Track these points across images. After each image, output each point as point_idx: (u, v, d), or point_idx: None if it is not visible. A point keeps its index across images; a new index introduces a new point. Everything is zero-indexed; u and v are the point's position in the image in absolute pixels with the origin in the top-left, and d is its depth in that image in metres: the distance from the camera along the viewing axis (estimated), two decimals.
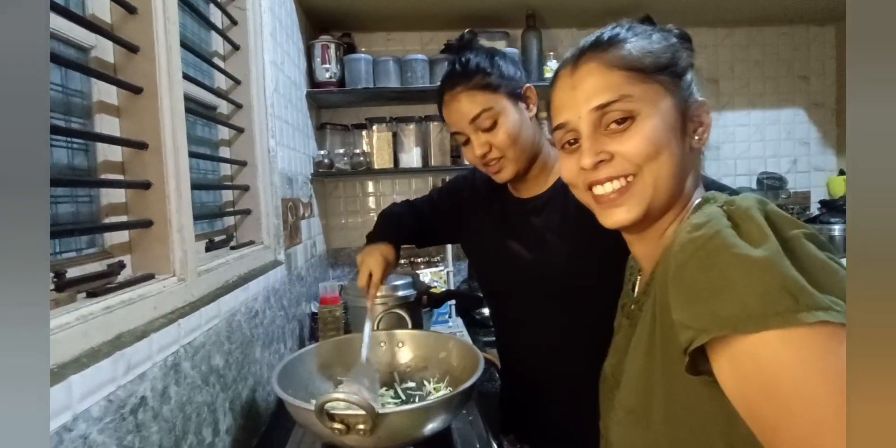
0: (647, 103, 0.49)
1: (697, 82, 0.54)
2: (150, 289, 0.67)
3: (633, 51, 0.51)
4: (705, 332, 0.38)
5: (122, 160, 0.73)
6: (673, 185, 0.50)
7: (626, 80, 0.50)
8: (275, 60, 1.34)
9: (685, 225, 0.45)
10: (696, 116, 0.52)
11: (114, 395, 0.53)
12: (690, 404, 0.45)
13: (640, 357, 0.50)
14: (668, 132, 0.49)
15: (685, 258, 0.41)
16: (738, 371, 0.38)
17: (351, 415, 0.54)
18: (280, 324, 1.20)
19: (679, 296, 0.41)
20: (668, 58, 0.51)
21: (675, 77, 0.51)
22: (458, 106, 0.85)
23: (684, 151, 0.51)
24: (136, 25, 0.72)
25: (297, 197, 1.52)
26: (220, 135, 1.15)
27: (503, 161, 0.85)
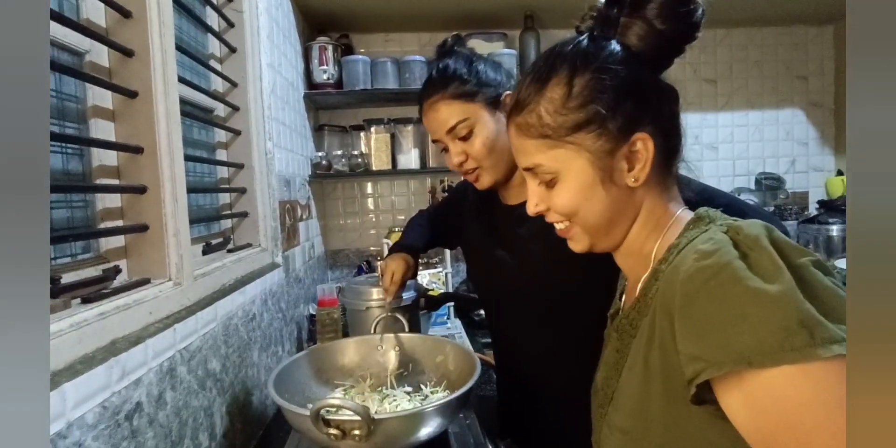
0: (560, 166, 0.51)
1: (639, 112, 0.51)
2: (145, 294, 0.67)
3: (545, 117, 0.51)
4: (717, 366, 0.39)
5: (118, 164, 0.73)
6: (609, 226, 0.53)
7: (537, 148, 0.52)
8: (272, 62, 1.34)
9: (689, 250, 0.45)
10: (628, 155, 0.50)
11: (108, 402, 0.53)
12: (693, 434, 0.45)
13: (636, 380, 0.50)
14: (585, 189, 0.51)
15: (695, 289, 0.41)
16: (753, 405, 0.38)
17: (346, 420, 0.54)
18: (278, 326, 1.20)
19: (688, 327, 0.41)
20: (581, 117, 0.50)
21: (593, 130, 0.50)
22: (435, 115, 0.84)
23: (617, 194, 0.51)
24: (130, 29, 0.72)
25: (295, 199, 1.52)
26: (217, 137, 1.15)
27: (480, 170, 0.85)
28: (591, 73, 0.49)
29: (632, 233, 0.54)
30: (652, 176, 0.51)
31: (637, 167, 0.50)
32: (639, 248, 0.53)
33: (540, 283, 0.85)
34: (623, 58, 0.50)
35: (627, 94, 0.49)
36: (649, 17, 0.49)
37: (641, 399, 0.49)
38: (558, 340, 0.87)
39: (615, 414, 0.53)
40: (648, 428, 0.48)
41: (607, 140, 0.49)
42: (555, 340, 0.87)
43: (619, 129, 0.49)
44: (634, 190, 0.51)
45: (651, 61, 0.51)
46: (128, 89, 0.71)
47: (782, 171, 2.27)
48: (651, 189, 0.52)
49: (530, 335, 0.89)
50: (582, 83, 0.49)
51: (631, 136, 0.49)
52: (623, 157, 0.50)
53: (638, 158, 0.50)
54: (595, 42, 0.51)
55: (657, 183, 0.52)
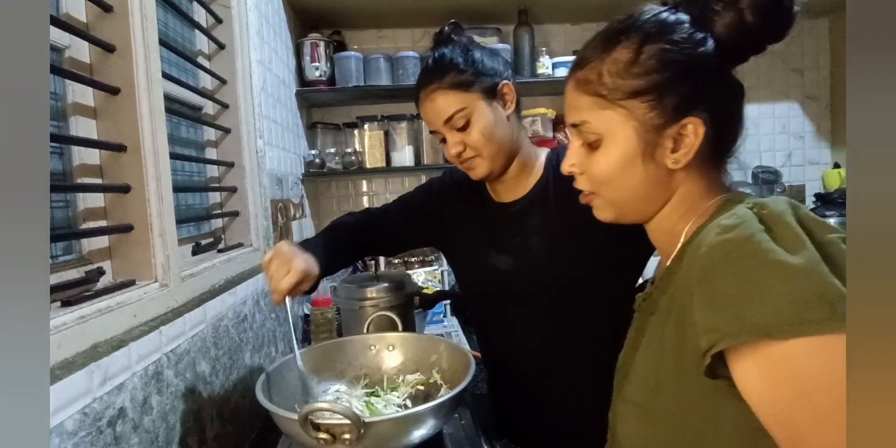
0: (607, 129, 0.51)
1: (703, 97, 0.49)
2: (129, 296, 0.65)
3: (605, 76, 0.50)
4: (733, 336, 0.38)
5: (100, 163, 0.71)
6: (637, 202, 0.53)
7: (588, 106, 0.51)
8: (262, 59, 1.32)
9: (713, 225, 0.45)
10: (675, 136, 0.49)
11: (89, 408, 0.51)
12: (703, 408, 0.45)
13: (651, 353, 0.50)
14: (624, 159, 0.51)
15: (714, 261, 0.41)
16: (768, 377, 0.38)
17: (336, 424, 0.53)
18: (270, 327, 1.18)
19: (706, 298, 0.41)
20: (640, 84, 0.49)
21: (648, 100, 0.49)
22: (432, 106, 0.83)
23: (654, 172, 0.50)
24: (112, 24, 0.70)
25: (288, 198, 1.50)
26: (207, 136, 1.13)
27: (477, 159, 0.83)
28: (664, 44, 0.48)
29: (663, 212, 0.53)
30: (696, 163, 0.50)
31: (682, 150, 0.49)
32: (669, 228, 0.53)
33: (541, 280, 0.84)
34: (699, 40, 0.49)
35: (691, 76, 0.48)
36: (742, 6, 0.47)
37: (654, 373, 0.49)
38: (553, 338, 0.86)
39: (629, 387, 0.53)
40: (660, 400, 0.48)
41: (659, 114, 0.49)
42: (549, 338, 0.86)
43: (673, 106, 0.48)
44: (674, 172, 0.50)
45: (727, 52, 0.49)
46: (109, 85, 0.69)
47: (779, 164, 2.27)
48: (692, 175, 0.51)
49: (525, 333, 0.88)
50: (651, 52, 0.49)
51: (684, 117, 0.48)
52: (670, 136, 0.49)
53: (685, 142, 0.49)
54: (677, 18, 0.50)
55: (700, 171, 0.51)
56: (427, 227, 0.99)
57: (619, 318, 0.78)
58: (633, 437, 0.52)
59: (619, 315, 0.77)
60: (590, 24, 2.09)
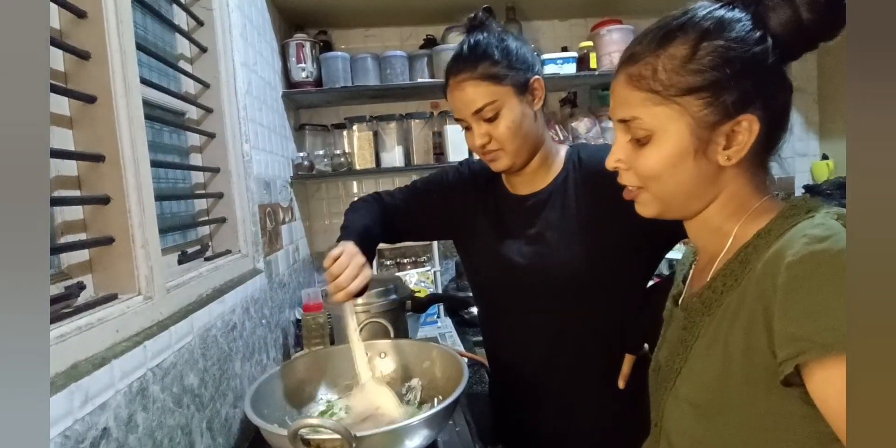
0: (658, 125, 0.51)
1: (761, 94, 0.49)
2: (111, 311, 0.63)
3: (661, 72, 0.50)
4: (824, 347, 0.39)
5: (78, 174, 0.69)
6: (686, 199, 0.52)
7: (641, 102, 0.51)
8: (246, 61, 1.29)
9: (797, 233, 0.45)
10: (729, 133, 0.49)
11: (70, 430, 0.50)
12: (770, 413, 0.45)
13: (713, 358, 0.49)
14: (675, 156, 0.50)
15: (806, 272, 0.41)
16: None
17: (327, 439, 0.52)
18: (261, 335, 1.16)
19: (794, 307, 0.41)
20: (697, 80, 0.48)
21: (704, 97, 0.49)
22: (461, 95, 0.81)
23: (706, 169, 0.50)
24: (86, 31, 0.68)
25: (276, 202, 1.48)
26: (191, 141, 1.11)
27: (500, 152, 0.83)
28: (723, 41, 0.48)
29: (710, 210, 0.53)
30: (746, 160, 0.50)
31: (735, 147, 0.49)
32: (716, 227, 0.53)
33: (553, 273, 0.83)
34: (757, 38, 0.48)
35: (749, 74, 0.48)
36: (798, 3, 0.47)
37: (719, 377, 0.49)
38: (564, 335, 0.85)
39: (685, 387, 0.53)
40: (724, 406, 0.48)
41: (714, 112, 0.49)
42: (560, 335, 0.85)
43: (729, 104, 0.48)
44: (724, 169, 0.50)
45: (782, 49, 0.49)
46: (85, 94, 0.67)
47: None
48: (741, 172, 0.51)
49: (535, 329, 0.87)
50: (709, 49, 0.48)
51: (739, 114, 0.48)
52: (724, 133, 0.49)
53: (738, 139, 0.49)
54: (733, 15, 0.49)
55: (749, 168, 0.51)
56: (437, 220, 0.98)
57: (625, 314, 0.77)
58: (690, 437, 0.52)
59: (627, 312, 0.76)
60: (578, 19, 2.07)
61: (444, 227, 0.99)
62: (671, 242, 0.83)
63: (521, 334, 0.89)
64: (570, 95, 2.01)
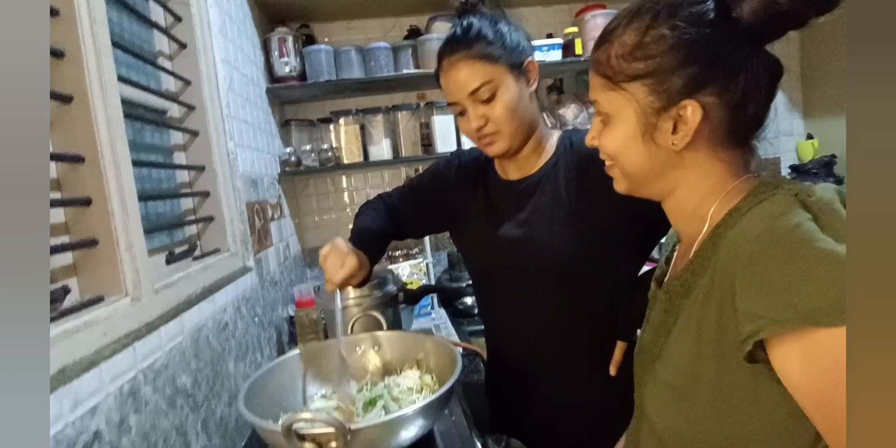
0: (611, 110, 0.52)
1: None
2: (98, 314, 0.62)
3: (612, 59, 0.51)
4: (779, 324, 0.39)
5: (57, 176, 0.68)
6: (647, 179, 0.54)
7: (599, 86, 0.53)
8: (227, 58, 1.27)
9: (756, 211, 0.45)
10: (676, 118, 0.49)
11: (61, 435, 0.49)
12: (742, 394, 0.46)
13: (688, 339, 0.50)
14: (626, 139, 0.52)
15: (761, 248, 0.41)
16: (812, 364, 0.39)
17: (321, 433, 0.52)
18: (254, 333, 1.16)
19: (752, 285, 0.41)
20: (641, 67, 0.49)
21: (648, 84, 0.49)
22: (456, 75, 0.80)
23: (656, 152, 0.51)
24: (58, 28, 0.66)
25: (265, 199, 1.47)
26: (174, 140, 1.09)
27: (497, 135, 0.82)
28: (668, 27, 0.47)
29: (681, 193, 0.53)
30: (709, 144, 0.50)
31: (679, 133, 0.49)
32: (692, 210, 0.53)
33: (544, 256, 0.83)
34: (712, 21, 0.47)
35: (697, 58, 0.47)
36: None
37: (693, 358, 0.49)
38: (557, 319, 0.85)
39: (663, 369, 0.54)
40: (697, 386, 0.49)
41: (658, 98, 0.49)
42: (553, 319, 0.85)
43: (674, 90, 0.48)
44: (681, 153, 0.50)
45: (754, 31, 0.47)
46: (60, 93, 0.65)
47: None
48: (707, 156, 0.51)
49: (528, 314, 0.87)
50: (655, 35, 0.48)
51: (684, 99, 0.48)
52: (670, 118, 0.49)
53: (682, 125, 0.49)
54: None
55: (717, 152, 0.51)
56: (438, 213, 0.99)
57: (616, 299, 0.77)
58: (668, 419, 0.53)
59: (618, 297, 0.76)
60: (562, 5, 2.06)
61: (441, 219, 1.00)
62: (662, 228, 0.84)
63: (513, 320, 0.90)
64: (556, 82, 2.01)
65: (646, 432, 0.58)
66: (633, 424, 0.62)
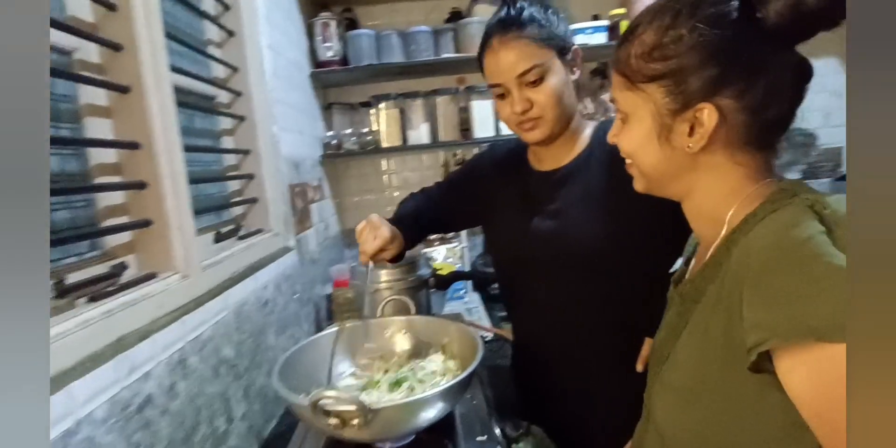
0: (629, 109, 0.53)
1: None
2: (152, 288, 0.68)
3: (632, 58, 0.51)
4: (783, 337, 0.39)
5: (118, 161, 0.74)
6: (664, 180, 0.54)
7: (618, 85, 0.53)
8: (272, 44, 1.31)
9: (769, 220, 0.44)
10: (693, 120, 0.48)
11: (118, 397, 0.55)
12: (746, 402, 0.46)
13: (695, 344, 0.51)
14: (642, 139, 0.52)
15: (772, 259, 0.41)
16: (817, 378, 0.39)
17: (344, 410, 0.55)
18: (294, 309, 1.22)
19: (759, 295, 0.42)
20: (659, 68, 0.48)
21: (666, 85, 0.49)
22: (506, 54, 0.79)
23: (672, 153, 0.51)
24: (117, 23, 0.71)
25: (306, 181, 1.52)
26: (222, 124, 1.15)
27: (540, 121, 0.82)
28: (687, 28, 0.47)
29: (698, 195, 0.53)
30: (728, 146, 0.49)
31: (695, 136, 0.49)
32: (709, 212, 0.53)
33: (574, 248, 0.84)
34: (733, 21, 0.46)
35: (716, 60, 0.46)
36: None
37: (699, 363, 0.50)
38: (584, 310, 0.86)
39: (670, 373, 0.54)
40: (703, 392, 0.49)
41: (675, 100, 0.48)
42: (581, 310, 0.86)
43: (692, 92, 0.47)
44: (697, 155, 0.50)
45: (780, 32, 0.46)
46: (118, 84, 0.70)
47: (815, 125, 2.14)
48: (726, 159, 0.50)
49: (556, 305, 0.88)
50: (674, 36, 0.47)
51: (701, 102, 0.47)
52: (687, 120, 0.49)
53: (698, 127, 0.48)
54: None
55: (737, 154, 0.50)
56: (472, 206, 1.01)
57: (649, 295, 0.77)
58: (674, 422, 0.54)
59: (650, 293, 0.76)
60: None
61: (475, 212, 1.01)
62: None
63: (540, 310, 0.91)
64: (600, 66, 1.94)
65: (651, 433, 0.58)
66: (640, 424, 0.63)
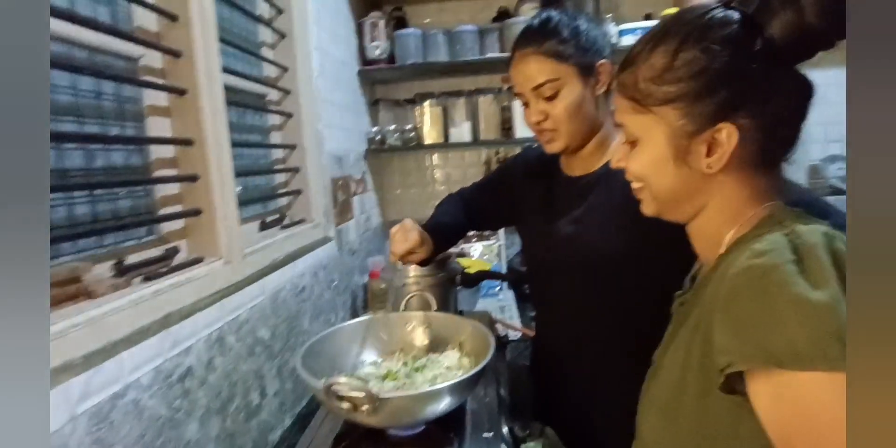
0: (641, 133, 0.52)
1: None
2: (197, 272, 0.76)
3: (640, 82, 0.50)
4: (745, 361, 0.41)
5: (175, 156, 0.82)
6: (677, 202, 0.53)
7: (626, 109, 0.53)
8: (320, 44, 1.38)
9: (745, 248, 0.45)
10: (710, 141, 0.48)
11: (162, 367, 0.63)
12: (721, 424, 0.47)
13: (677, 360, 0.52)
14: (656, 162, 0.52)
15: (740, 285, 0.43)
16: (778, 402, 0.40)
17: (355, 396, 0.60)
18: (329, 297, 1.30)
19: (726, 320, 0.43)
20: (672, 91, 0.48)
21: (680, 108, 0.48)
22: (524, 68, 0.83)
23: (689, 175, 0.51)
24: (177, 31, 0.79)
25: (349, 174, 1.59)
26: (271, 121, 1.23)
27: (555, 133, 0.84)
28: (699, 50, 0.47)
29: (705, 216, 0.53)
30: (738, 167, 0.49)
31: (714, 156, 0.49)
32: (711, 234, 0.53)
33: (593, 257, 0.85)
34: (743, 42, 0.46)
35: (729, 81, 0.47)
36: (803, 5, 0.44)
37: (678, 384, 0.51)
38: (601, 316, 0.87)
39: (655, 389, 0.56)
40: (681, 412, 0.50)
41: (691, 121, 0.48)
42: (598, 316, 0.87)
43: (707, 113, 0.48)
44: (711, 176, 0.50)
45: (785, 52, 0.46)
46: (176, 87, 0.78)
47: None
48: (735, 180, 0.51)
49: (574, 309, 0.90)
50: (686, 58, 0.48)
51: (718, 123, 0.47)
52: (703, 141, 0.48)
53: (717, 148, 0.49)
54: (724, 17, 0.48)
55: (745, 176, 0.50)
56: (504, 207, 1.05)
57: (661, 307, 0.77)
58: (655, 438, 0.55)
59: (663, 305, 0.77)
60: None
61: (506, 213, 1.05)
62: None
63: (559, 313, 0.92)
64: None
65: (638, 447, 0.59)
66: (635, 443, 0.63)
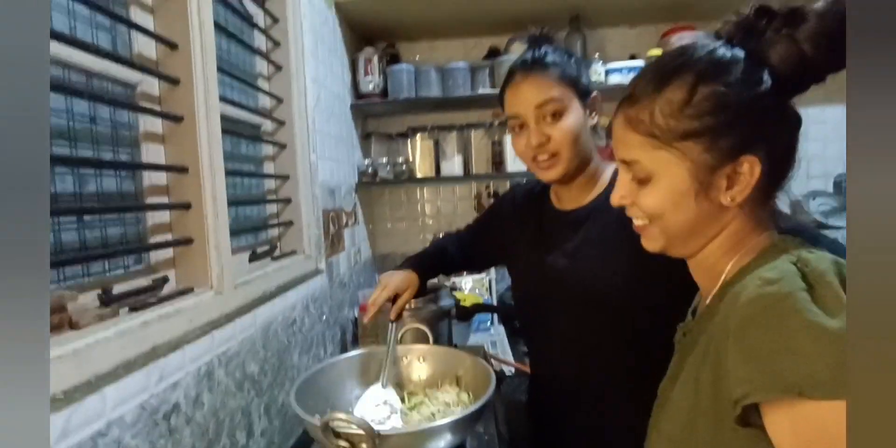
0: (659, 168, 0.51)
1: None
2: (187, 303, 0.73)
3: (658, 117, 0.50)
4: (764, 391, 0.40)
5: (167, 183, 0.80)
6: (689, 236, 0.53)
7: (640, 145, 0.52)
8: (316, 77, 1.40)
9: (754, 276, 0.45)
10: (731, 174, 0.49)
11: (147, 403, 0.59)
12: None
13: (687, 392, 0.51)
14: (676, 196, 0.51)
15: (753, 314, 0.42)
16: (800, 432, 0.39)
17: (354, 434, 0.57)
18: (319, 330, 1.25)
19: (740, 350, 0.42)
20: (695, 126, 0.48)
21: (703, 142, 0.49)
22: (527, 86, 0.82)
23: (707, 208, 0.51)
24: (177, 59, 0.79)
25: (340, 207, 1.58)
26: (265, 151, 1.23)
27: (555, 159, 0.83)
28: (719, 86, 0.48)
29: (708, 248, 0.53)
30: (750, 198, 0.50)
31: (737, 188, 0.49)
32: (712, 264, 0.53)
33: (587, 288, 0.84)
34: (756, 80, 0.48)
35: (747, 116, 0.48)
36: (799, 39, 0.46)
37: (690, 415, 0.49)
38: (596, 350, 0.85)
39: (664, 421, 0.54)
40: (693, 440, 0.49)
41: (713, 156, 0.49)
42: (592, 350, 0.86)
43: (729, 147, 0.48)
44: (727, 209, 0.51)
45: (785, 84, 0.48)
46: (173, 115, 0.77)
47: None
48: (744, 211, 0.51)
49: (569, 343, 0.88)
50: (705, 93, 0.48)
51: (739, 156, 0.48)
52: (725, 174, 0.49)
53: (740, 180, 0.49)
54: (732, 53, 0.49)
55: (752, 206, 0.51)
56: (495, 245, 1.05)
57: (660, 339, 0.76)
58: None
59: (662, 337, 0.76)
60: (648, 26, 2.01)
61: (498, 252, 1.05)
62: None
63: (555, 347, 0.90)
64: None
65: None
66: None
